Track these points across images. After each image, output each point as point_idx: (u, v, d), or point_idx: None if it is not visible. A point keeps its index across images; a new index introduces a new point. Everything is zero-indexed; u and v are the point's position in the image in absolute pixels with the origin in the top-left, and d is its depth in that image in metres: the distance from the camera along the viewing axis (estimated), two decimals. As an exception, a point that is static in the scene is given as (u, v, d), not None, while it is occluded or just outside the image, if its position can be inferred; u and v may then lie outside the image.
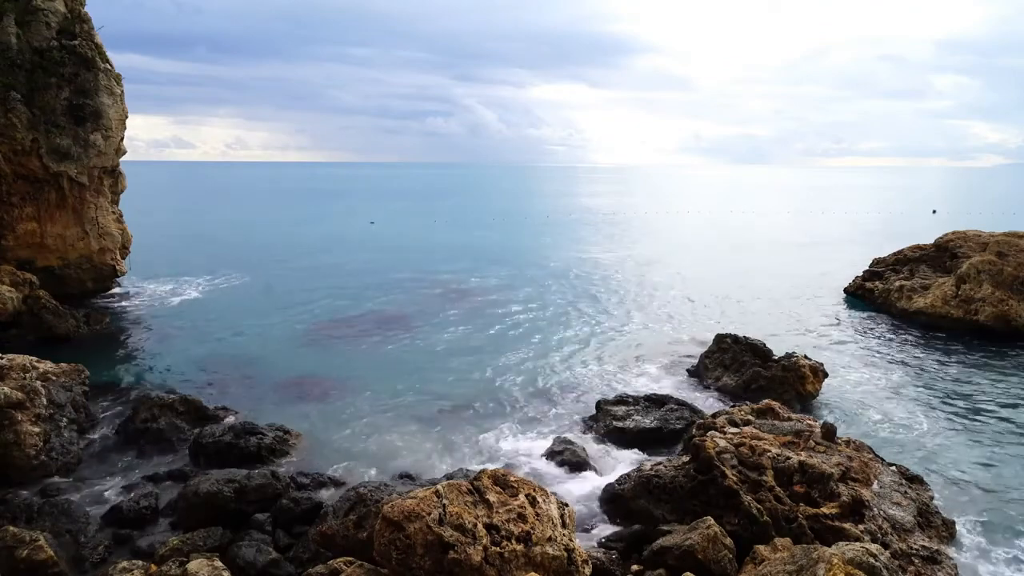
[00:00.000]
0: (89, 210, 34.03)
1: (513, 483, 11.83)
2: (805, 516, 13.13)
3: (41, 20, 31.82)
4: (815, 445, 15.26)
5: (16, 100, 30.42)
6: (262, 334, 30.80)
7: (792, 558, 10.79)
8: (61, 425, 18.09)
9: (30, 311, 28.92)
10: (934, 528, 14.04)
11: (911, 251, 38.35)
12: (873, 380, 24.70)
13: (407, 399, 22.67)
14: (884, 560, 10.16)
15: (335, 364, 26.26)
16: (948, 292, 32.34)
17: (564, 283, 43.65)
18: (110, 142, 33.69)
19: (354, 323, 33.02)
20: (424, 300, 37.95)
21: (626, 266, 50.96)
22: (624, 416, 19.79)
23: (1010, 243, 32.36)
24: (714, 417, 17.19)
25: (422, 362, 26.65)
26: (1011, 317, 29.98)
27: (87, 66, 32.55)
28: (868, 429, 20.22)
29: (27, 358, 19.22)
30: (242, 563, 12.82)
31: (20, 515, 14.49)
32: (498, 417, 21.33)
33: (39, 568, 12.41)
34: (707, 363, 24.74)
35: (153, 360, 26.92)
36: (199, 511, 14.68)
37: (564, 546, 11.09)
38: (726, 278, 45.44)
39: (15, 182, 31.73)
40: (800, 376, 22.40)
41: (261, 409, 21.53)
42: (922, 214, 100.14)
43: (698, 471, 14.45)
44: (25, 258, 32.37)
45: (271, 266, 49.23)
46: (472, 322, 33.09)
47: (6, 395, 16.97)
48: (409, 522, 10.55)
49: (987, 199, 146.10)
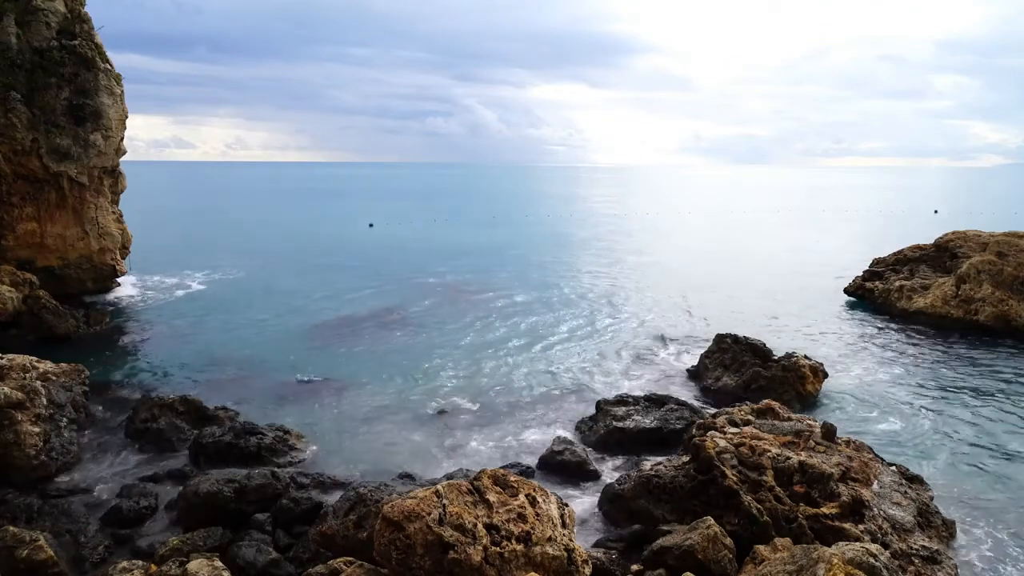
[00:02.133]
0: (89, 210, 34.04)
1: (513, 483, 11.83)
2: (805, 516, 13.12)
3: (41, 20, 31.83)
4: (815, 445, 15.26)
5: (16, 100, 30.43)
6: (262, 334, 30.81)
7: (792, 558, 10.79)
8: (61, 425, 18.09)
9: (30, 311, 28.92)
10: (934, 528, 14.03)
11: (911, 251, 38.34)
12: (873, 380, 24.70)
13: (407, 399, 22.67)
14: (884, 560, 10.16)
15: (335, 364, 26.26)
16: (948, 292, 32.35)
17: (564, 283, 43.65)
18: (110, 142, 33.70)
19: (354, 323, 33.02)
20: (424, 300, 37.94)
21: (626, 266, 50.97)
22: (624, 416, 19.78)
23: (1010, 243, 32.37)
24: (714, 417, 17.18)
25: (422, 362, 26.65)
26: (1011, 317, 29.99)
27: (87, 66, 32.56)
28: (868, 429, 20.22)
29: (27, 358, 19.22)
30: (242, 563, 12.82)
31: (20, 515, 14.49)
32: (498, 417, 21.33)
33: (39, 568, 12.40)
34: (707, 363, 24.73)
35: (153, 360, 26.91)
36: (199, 511, 14.68)
37: (564, 546, 11.09)
38: (726, 278, 45.46)
39: (15, 182, 31.74)
40: (800, 376, 22.41)
41: (261, 409, 21.53)
42: (922, 214, 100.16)
43: (698, 471, 14.45)
44: (25, 258, 32.39)
45: (271, 266, 49.23)
46: (472, 322, 33.10)
47: (6, 395, 16.97)
48: (409, 522, 10.55)
49: (987, 199, 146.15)
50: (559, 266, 50.63)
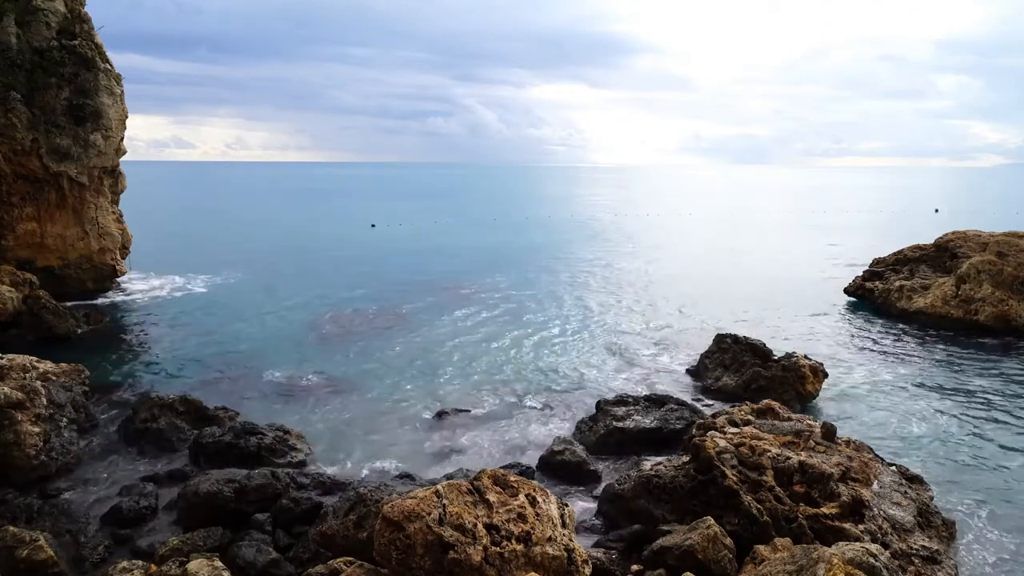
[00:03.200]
0: (89, 210, 34.04)
1: (513, 483, 11.82)
2: (805, 516, 13.12)
3: (41, 20, 31.83)
4: (815, 445, 15.25)
5: (16, 100, 30.43)
6: (262, 334, 30.81)
7: (792, 558, 10.79)
8: (61, 425, 18.08)
9: (30, 311, 28.92)
10: (934, 528, 14.03)
11: (911, 251, 38.34)
12: (873, 380, 24.69)
13: (407, 399, 22.67)
14: (884, 560, 10.15)
15: (335, 364, 26.25)
16: (948, 292, 32.35)
17: (563, 284, 43.66)
18: (110, 142, 33.70)
19: (354, 323, 33.03)
20: (424, 300, 37.93)
21: (626, 266, 50.98)
22: (624, 416, 19.77)
23: (1010, 243, 32.36)
24: (714, 417, 17.18)
25: (422, 362, 26.65)
26: (1011, 317, 29.98)
27: (87, 66, 32.56)
28: (868, 429, 20.21)
29: (27, 358, 19.21)
30: (242, 563, 12.82)
31: (20, 515, 14.49)
32: (498, 417, 21.34)
33: (39, 568, 12.40)
34: (707, 363, 24.74)
35: (153, 360, 26.91)
36: (199, 511, 14.68)
37: (564, 546, 11.09)
38: (726, 278, 45.47)
39: (15, 182, 31.74)
40: (800, 376, 22.40)
41: (261, 409, 21.54)
42: (922, 214, 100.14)
43: (698, 471, 14.44)
44: (25, 258, 32.39)
45: (271, 266, 49.23)
46: (472, 323, 33.10)
47: (6, 395, 16.97)
48: (409, 522, 10.55)
49: (987, 199, 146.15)
50: (559, 266, 50.63)
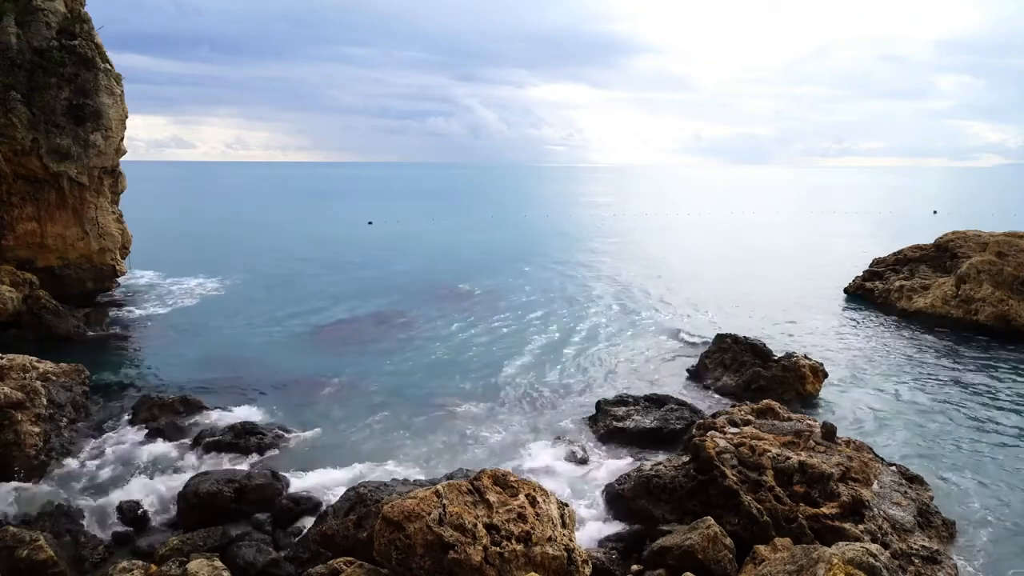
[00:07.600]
0: (89, 210, 34.01)
1: (513, 483, 11.82)
2: (805, 516, 13.13)
3: (41, 20, 31.78)
4: (815, 445, 15.26)
5: (16, 100, 30.40)
6: (262, 334, 30.80)
7: (792, 558, 10.79)
8: (61, 425, 18.10)
9: (30, 311, 28.91)
10: (934, 528, 14.04)
11: (911, 251, 38.36)
12: (873, 380, 24.69)
13: (407, 399, 22.66)
14: (884, 560, 10.15)
15: (335, 364, 26.24)
16: (948, 292, 32.35)
17: (563, 284, 43.64)
18: (110, 142, 33.67)
19: (354, 323, 33.03)
20: (424, 300, 37.93)
21: (625, 266, 50.93)
22: (624, 416, 19.78)
23: (1010, 243, 32.35)
24: (714, 417, 17.18)
25: (422, 362, 26.65)
26: (1011, 317, 29.97)
27: (87, 66, 32.51)
28: (868, 429, 20.21)
29: (27, 358, 19.22)
30: (242, 563, 12.82)
31: (20, 515, 14.48)
32: (498, 417, 21.33)
33: (39, 568, 12.40)
34: (707, 363, 24.74)
35: (153, 360, 26.91)
36: (199, 511, 14.69)
37: (564, 546, 11.09)
38: (726, 278, 45.45)
39: (15, 182, 31.70)
40: (800, 376, 22.40)
41: (262, 409, 21.53)
42: (922, 214, 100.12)
43: (698, 471, 14.45)
44: (25, 258, 32.34)
45: (271, 266, 49.22)
46: (472, 322, 33.09)
47: (6, 395, 16.97)
48: (409, 522, 10.55)
49: (987, 199, 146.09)
50: (558, 266, 50.61)
